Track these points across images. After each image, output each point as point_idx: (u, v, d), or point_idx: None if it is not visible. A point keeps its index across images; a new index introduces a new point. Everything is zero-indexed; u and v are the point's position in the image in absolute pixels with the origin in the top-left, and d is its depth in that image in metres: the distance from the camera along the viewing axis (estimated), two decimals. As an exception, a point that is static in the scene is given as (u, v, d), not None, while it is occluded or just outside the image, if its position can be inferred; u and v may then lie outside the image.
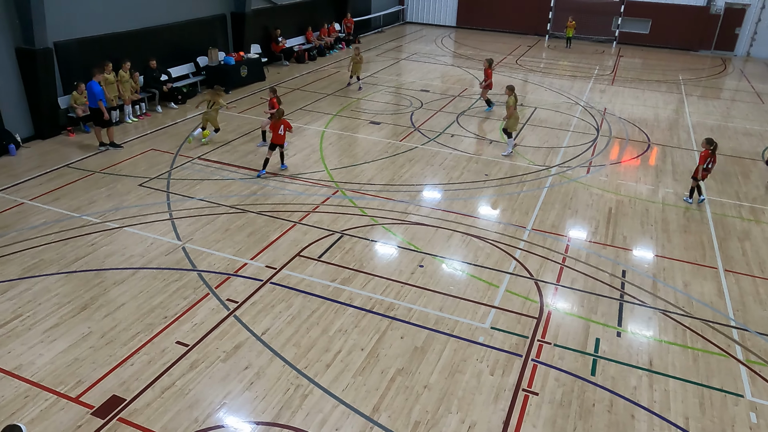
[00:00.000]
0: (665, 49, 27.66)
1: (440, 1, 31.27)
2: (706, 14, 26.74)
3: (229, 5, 18.46)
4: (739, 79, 22.68)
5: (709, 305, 8.22)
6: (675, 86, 20.88)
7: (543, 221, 10.39)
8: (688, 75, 22.72)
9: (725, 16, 26.69)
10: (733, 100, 19.55)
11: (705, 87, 21.09)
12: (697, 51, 27.45)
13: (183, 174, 11.64)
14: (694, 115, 17.41)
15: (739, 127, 16.49)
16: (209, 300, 7.76)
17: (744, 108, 18.55)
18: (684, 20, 26.99)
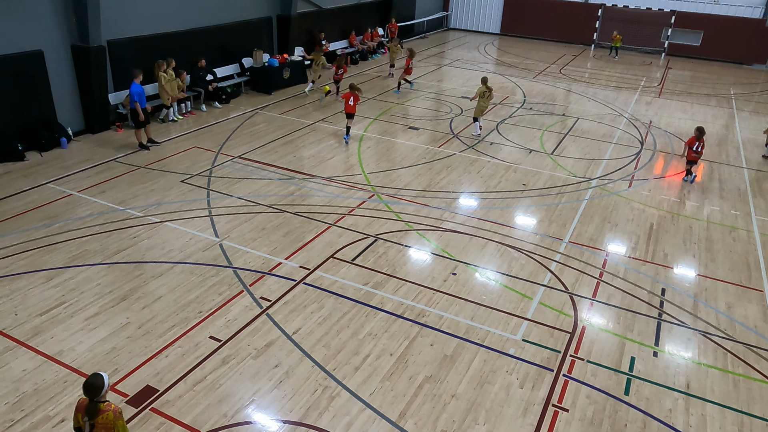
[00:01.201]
0: (716, 62, 26.83)
1: (485, 7, 31.10)
2: (762, 27, 25.82)
3: (275, 8, 18.78)
4: (794, 96, 21.80)
5: (754, 329, 7.91)
6: (725, 101, 20.22)
7: (581, 234, 10.20)
8: (740, 89, 21.96)
9: (782, 30, 25.72)
10: (787, 117, 18.79)
11: (758, 102, 20.35)
12: (751, 65, 26.51)
13: (223, 172, 11.88)
14: (745, 131, 16.82)
15: (793, 145, 15.82)
16: (243, 297, 7.89)
17: (799, 125, 17.81)
18: (738, 33, 26.12)
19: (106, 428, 4.46)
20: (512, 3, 30.19)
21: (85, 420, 4.45)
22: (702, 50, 27.21)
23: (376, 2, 24.94)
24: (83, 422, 4.49)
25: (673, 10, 26.55)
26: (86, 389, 4.45)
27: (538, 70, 23.31)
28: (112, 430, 4.47)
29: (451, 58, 24.84)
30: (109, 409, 4.47)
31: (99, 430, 4.46)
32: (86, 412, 4.45)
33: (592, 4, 28.30)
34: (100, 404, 4.47)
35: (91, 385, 4.44)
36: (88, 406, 4.45)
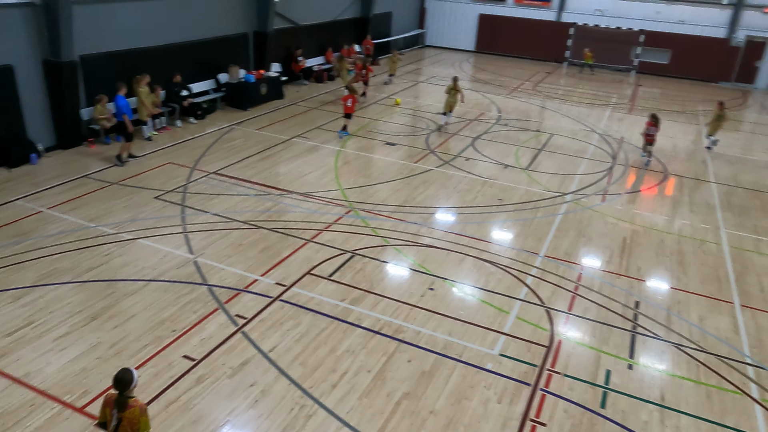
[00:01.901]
0: (685, 80, 27.59)
1: (460, 25, 31.57)
2: (726, 46, 26.68)
3: (252, 24, 18.80)
4: (759, 113, 22.52)
5: (725, 341, 8.06)
6: (694, 117, 20.78)
7: (556, 248, 10.31)
8: (708, 106, 22.59)
9: (746, 49, 26.60)
10: (753, 133, 19.39)
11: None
12: (717, 83, 27.33)
13: (199, 188, 11.76)
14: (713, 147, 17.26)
15: (760, 160, 16.32)
16: (218, 315, 7.77)
17: (764, 141, 18.38)
18: (704, 52, 26.94)
19: (131, 423, 4.58)
20: (487, 21, 30.72)
21: (114, 413, 4.60)
22: (670, 68, 27.98)
23: (352, 19, 25.14)
24: (111, 415, 4.62)
25: (642, 30, 27.30)
26: (116, 383, 4.60)
27: (512, 86, 23.68)
28: (136, 424, 4.59)
29: (427, 74, 25.11)
30: (136, 405, 4.61)
31: (124, 425, 4.58)
32: (116, 405, 4.60)
33: (564, 23, 28.95)
34: (129, 399, 4.61)
35: (121, 380, 4.59)
36: (118, 399, 4.60)
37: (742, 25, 26.34)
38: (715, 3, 26.43)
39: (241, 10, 18.20)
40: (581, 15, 28.74)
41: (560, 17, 29.29)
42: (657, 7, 27.46)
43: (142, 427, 4.60)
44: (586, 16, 28.66)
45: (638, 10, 27.75)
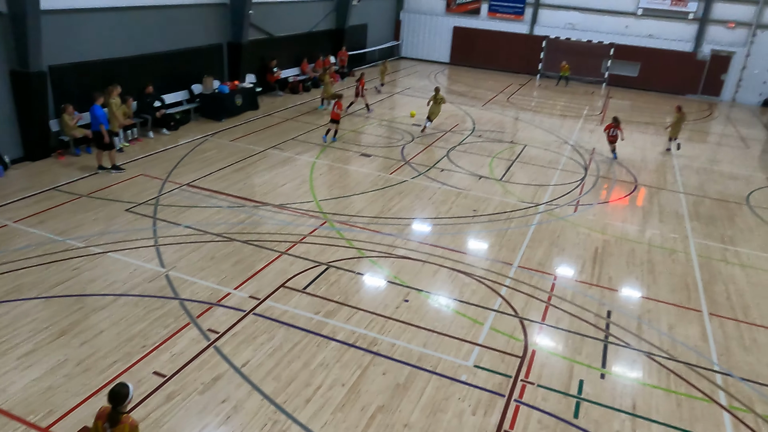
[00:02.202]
0: (653, 93, 28.24)
1: (435, 38, 31.90)
2: (693, 60, 27.44)
3: (226, 35, 18.72)
4: (725, 124, 23.16)
5: (694, 349, 8.20)
6: (662, 129, 21.25)
7: (530, 258, 10.41)
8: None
9: (712, 63, 27.40)
10: (719, 144, 19.92)
11: (692, 131, 21.49)
12: (685, 95, 28.06)
13: (171, 200, 11.60)
14: (681, 158, 17.69)
15: (725, 171, 16.76)
16: (190, 330, 7.65)
17: (730, 152, 18.89)
18: (672, 65, 27.66)
19: None
20: (461, 34, 31.10)
21: (106, 426, 4.56)
22: (639, 81, 28.64)
23: (327, 31, 25.22)
24: (102, 429, 4.58)
25: (612, 43, 27.93)
26: (111, 397, 4.57)
27: (486, 98, 23.97)
28: None
29: (402, 86, 25.27)
30: (128, 422, 4.56)
31: None
32: (108, 419, 4.55)
33: (537, 36, 29.46)
34: (122, 414, 4.58)
35: (117, 394, 4.57)
36: (111, 413, 4.56)
37: (708, 39, 27.15)
38: (682, 18, 27.19)
39: (215, 21, 18.12)
40: (553, 28, 29.30)
41: (533, 30, 29.81)
42: (626, 21, 28.13)
43: None
44: (557, 29, 29.21)
45: (608, 24, 28.39)
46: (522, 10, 29.66)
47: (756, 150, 19.50)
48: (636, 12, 27.79)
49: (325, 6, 24.63)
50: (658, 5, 27.27)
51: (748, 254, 11.35)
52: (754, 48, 26.57)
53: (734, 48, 26.89)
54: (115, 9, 14.48)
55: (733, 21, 26.47)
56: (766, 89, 27.15)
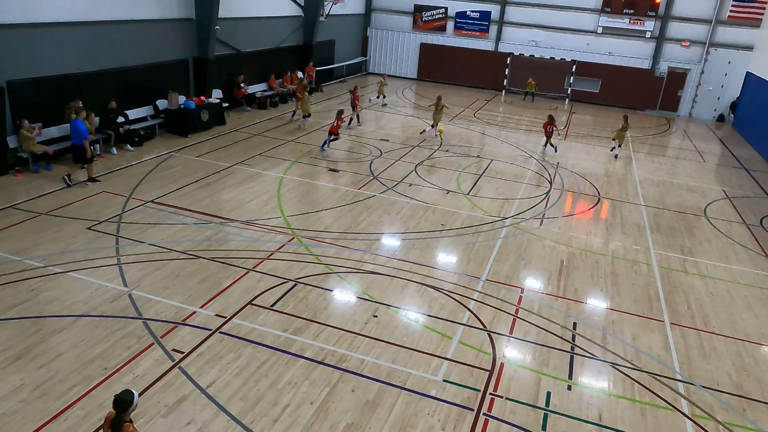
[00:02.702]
0: (614, 108, 29.04)
1: (402, 54, 32.25)
2: (651, 76, 28.37)
3: (192, 50, 18.56)
4: (682, 139, 23.95)
5: (657, 358, 8.38)
6: (624, 144, 21.83)
7: (497, 272, 10.52)
8: (636, 133, 23.86)
9: (668, 79, 28.37)
10: (677, 158, 20.56)
11: (651, 145, 22.16)
12: (644, 110, 28.94)
13: (135, 218, 11.36)
14: (642, 171, 18.20)
15: (683, 183, 17.29)
16: (154, 350, 7.46)
17: (687, 166, 19.52)
18: (631, 81, 28.52)
19: None
20: (428, 50, 31.51)
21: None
22: (601, 96, 29.43)
23: (295, 47, 25.25)
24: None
25: (574, 60, 28.67)
26: (115, 403, 4.71)
27: (453, 113, 24.28)
28: None
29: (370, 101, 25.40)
30: (128, 430, 4.69)
31: None
32: (111, 425, 4.71)
33: (502, 53, 30.05)
34: (124, 422, 4.70)
35: (121, 400, 4.71)
36: (114, 420, 4.72)
37: (664, 57, 28.13)
38: (640, 36, 28.13)
39: (181, 36, 17.97)
40: (517, 45, 29.94)
41: (498, 47, 30.41)
42: (587, 39, 28.96)
43: None
44: (521, 46, 29.87)
45: (570, 42, 29.18)
46: (487, 28, 30.27)
47: (712, 163, 20.20)
48: (596, 30, 28.64)
49: (293, 22, 24.69)
50: (617, 24, 28.17)
51: (707, 264, 11.70)
52: (708, 65, 27.64)
53: (689, 65, 27.92)
54: (76, 24, 14.23)
55: (688, 40, 27.51)
56: (720, 105, 28.23)
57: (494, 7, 29.86)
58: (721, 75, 27.63)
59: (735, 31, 26.71)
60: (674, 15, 27.39)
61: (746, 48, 26.52)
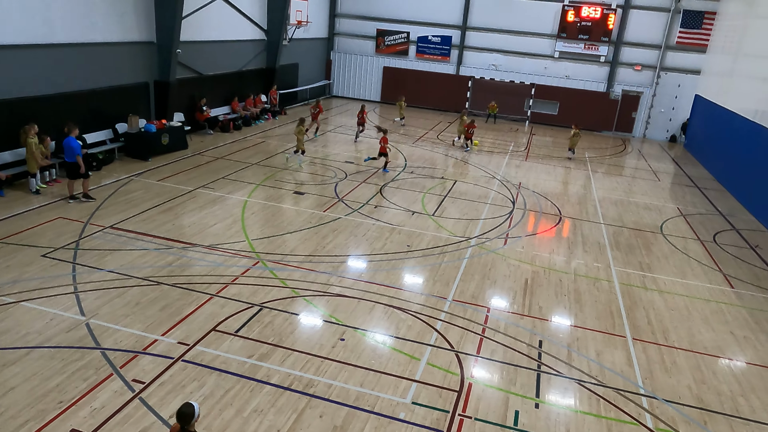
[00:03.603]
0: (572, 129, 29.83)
1: (365, 77, 32.59)
2: (606, 99, 29.37)
3: (153, 74, 18.35)
4: (638, 159, 24.77)
5: (620, 374, 8.52)
6: (582, 164, 22.48)
7: (463, 292, 10.58)
8: (593, 153, 24.58)
9: (623, 102, 29.41)
10: (633, 177, 21.23)
11: (609, 165, 22.84)
12: (600, 132, 29.87)
13: (93, 244, 11.03)
14: (600, 190, 18.71)
15: (640, 202, 17.83)
16: (112, 381, 7.19)
17: (643, 185, 20.16)
18: (588, 104, 29.45)
19: None
20: (391, 73, 31.94)
21: None
22: (559, 119, 30.25)
23: (258, 70, 25.24)
24: None
25: (533, 83, 29.48)
26: (179, 416, 5.01)
27: (417, 135, 24.56)
28: None
29: (334, 124, 25.51)
30: None
31: None
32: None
33: (463, 76, 30.68)
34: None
35: (183, 413, 5.00)
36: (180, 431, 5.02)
37: (618, 80, 29.20)
38: (594, 60, 29.16)
39: (141, 59, 17.76)
40: (478, 69, 30.63)
41: (459, 71, 31.05)
42: (545, 63, 29.84)
43: None
44: (482, 70, 30.57)
45: (529, 66, 30.02)
46: (448, 52, 30.89)
47: (666, 182, 20.93)
48: (553, 55, 29.56)
49: (256, 45, 24.72)
50: (572, 49, 29.15)
51: (665, 280, 12.04)
52: (659, 88, 28.80)
53: (642, 88, 29.04)
54: (31, 46, 13.92)
55: (640, 64, 28.66)
56: (672, 126, 29.38)
57: (455, 32, 30.55)
58: (672, 98, 28.83)
59: (683, 56, 27.98)
60: (626, 41, 28.53)
61: (694, 72, 27.77)
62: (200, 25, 20.39)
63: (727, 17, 25.02)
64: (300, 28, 27.62)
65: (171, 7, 17.55)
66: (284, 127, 23.56)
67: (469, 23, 30.21)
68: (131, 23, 17.11)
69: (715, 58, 25.69)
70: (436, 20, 30.57)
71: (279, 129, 23.10)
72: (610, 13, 28.02)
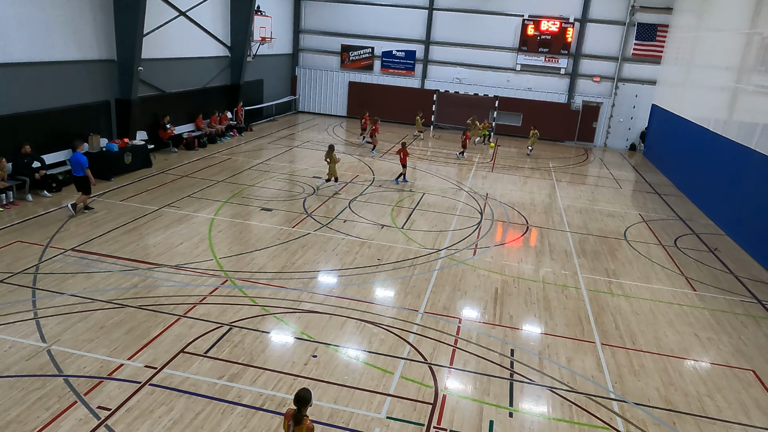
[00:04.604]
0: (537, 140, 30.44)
1: (331, 92, 32.66)
2: (568, 110, 30.08)
3: (114, 92, 18.02)
4: (600, 167, 25.38)
5: (591, 379, 8.64)
6: (547, 173, 22.91)
7: (435, 303, 10.60)
8: (557, 163, 25.09)
9: (584, 112, 30.17)
10: (596, 186, 21.72)
11: (572, 174, 23.33)
12: (563, 142, 30.53)
13: (53, 267, 10.69)
14: (565, 199, 19.08)
15: (604, 209, 18.24)
16: (77, 409, 6.95)
17: (606, 192, 20.65)
18: (550, 115, 30.08)
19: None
20: (357, 88, 32.09)
21: (290, 424, 5.45)
22: (523, 130, 30.75)
23: (223, 86, 25.05)
24: (287, 426, 5.48)
25: (496, 96, 30.00)
26: (296, 400, 5.48)
27: (384, 149, 24.67)
28: None
29: (301, 139, 25.44)
30: (306, 423, 5.46)
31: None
32: (293, 418, 5.45)
33: (428, 90, 31.03)
34: (304, 416, 5.44)
35: (301, 398, 5.47)
36: (295, 414, 5.45)
37: (578, 91, 29.96)
38: (555, 73, 29.88)
39: (101, 77, 17.44)
40: (442, 83, 31.04)
41: (424, 85, 31.39)
42: (507, 76, 30.43)
43: None
44: (446, 83, 30.99)
45: (492, 79, 30.56)
46: (413, 66, 31.23)
47: (628, 190, 21.48)
48: (515, 68, 30.18)
49: (220, 62, 24.55)
50: (533, 62, 29.82)
51: (630, 285, 12.30)
52: (618, 99, 29.65)
53: (601, 99, 29.85)
54: (-14, 65, 13.54)
55: (598, 75, 29.48)
56: (631, 135, 30.23)
57: (419, 47, 30.92)
58: (630, 107, 29.70)
59: (639, 67, 28.91)
60: (585, 53, 29.33)
61: (650, 83, 28.69)
62: (162, 43, 20.16)
63: (678, 30, 25.99)
64: (264, 44, 27.57)
65: (131, 24, 17.32)
66: (250, 144, 23.39)
67: (433, 38, 30.64)
68: (91, 41, 16.81)
69: (669, 68, 26.61)
70: (400, 35, 30.91)
71: (245, 145, 22.93)
72: (568, 27, 28.80)
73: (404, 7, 30.41)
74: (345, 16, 31.30)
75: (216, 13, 23.73)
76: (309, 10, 31.79)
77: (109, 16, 17.30)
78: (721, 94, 19.37)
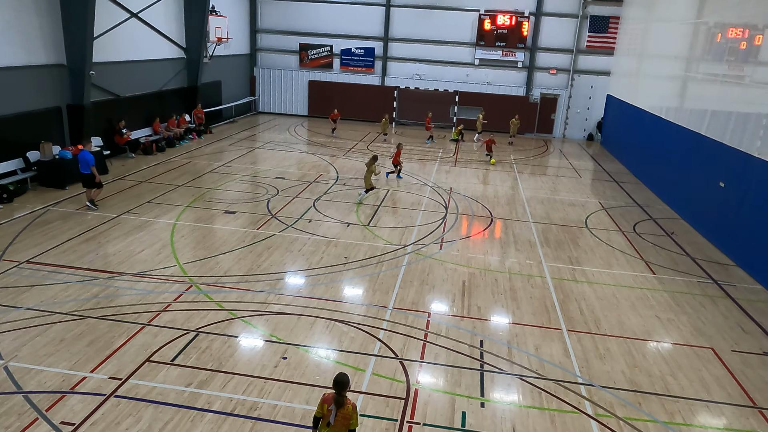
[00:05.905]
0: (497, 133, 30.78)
1: (291, 92, 32.37)
2: (527, 102, 30.57)
3: (65, 97, 17.44)
4: (560, 158, 25.87)
5: (559, 365, 8.81)
6: (508, 166, 23.23)
7: (403, 299, 10.63)
8: (518, 155, 25.46)
9: (542, 104, 30.71)
10: (557, 176, 22.14)
11: (533, 165, 23.73)
12: (523, 134, 31.00)
13: (7, 281, 10.29)
14: (527, 190, 19.38)
15: (565, 199, 18.61)
16: (38, 426, 6.71)
17: (567, 182, 21.06)
18: (509, 108, 30.45)
19: (345, 417, 5.54)
20: (317, 87, 31.89)
21: (331, 409, 5.55)
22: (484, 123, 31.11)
23: (180, 89, 24.54)
24: (328, 411, 5.56)
25: (456, 90, 30.26)
26: (336, 384, 5.58)
27: (347, 147, 24.60)
28: (348, 419, 5.57)
29: (262, 140, 25.14)
30: (350, 403, 5.61)
31: (339, 419, 5.53)
32: (334, 402, 5.55)
33: (388, 87, 31.06)
34: (345, 398, 5.56)
35: (341, 382, 5.57)
36: (336, 397, 5.56)
37: (536, 84, 30.47)
38: (513, 66, 30.31)
39: (51, 82, 16.85)
40: (402, 79, 31.11)
41: (384, 82, 31.41)
42: (466, 71, 30.72)
43: (354, 422, 5.59)
44: (406, 80, 31.08)
45: (451, 74, 30.80)
46: (372, 63, 31.21)
47: (587, 179, 21.96)
48: (474, 62, 30.49)
49: (176, 64, 24.04)
50: (491, 56, 30.18)
51: (593, 272, 12.59)
52: (574, 90, 30.28)
53: (558, 91, 30.43)
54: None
55: (555, 68, 30.05)
56: (588, 125, 30.92)
57: (378, 44, 30.92)
58: (587, 98, 30.37)
59: (593, 58, 29.57)
60: (541, 46, 29.84)
61: (604, 74, 29.37)
62: (114, 46, 19.61)
63: (629, 21, 26.68)
64: (220, 45, 27.13)
65: (81, 27, 16.78)
66: (211, 146, 22.99)
67: (391, 34, 30.68)
68: (38, 45, 16.23)
69: (622, 59, 27.29)
70: (359, 32, 30.84)
71: (206, 148, 22.53)
72: (523, 21, 29.24)
73: (362, 4, 30.35)
74: (303, 14, 31.05)
75: (169, 15, 23.21)
76: (266, 9, 31.42)
77: (57, 19, 16.72)
78: (672, 82, 19.99)
